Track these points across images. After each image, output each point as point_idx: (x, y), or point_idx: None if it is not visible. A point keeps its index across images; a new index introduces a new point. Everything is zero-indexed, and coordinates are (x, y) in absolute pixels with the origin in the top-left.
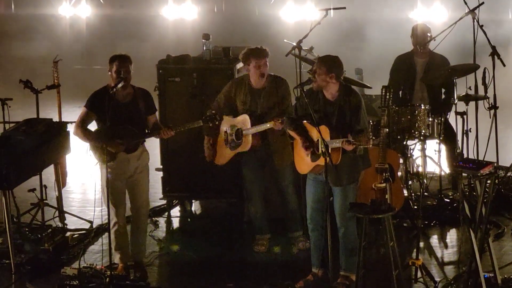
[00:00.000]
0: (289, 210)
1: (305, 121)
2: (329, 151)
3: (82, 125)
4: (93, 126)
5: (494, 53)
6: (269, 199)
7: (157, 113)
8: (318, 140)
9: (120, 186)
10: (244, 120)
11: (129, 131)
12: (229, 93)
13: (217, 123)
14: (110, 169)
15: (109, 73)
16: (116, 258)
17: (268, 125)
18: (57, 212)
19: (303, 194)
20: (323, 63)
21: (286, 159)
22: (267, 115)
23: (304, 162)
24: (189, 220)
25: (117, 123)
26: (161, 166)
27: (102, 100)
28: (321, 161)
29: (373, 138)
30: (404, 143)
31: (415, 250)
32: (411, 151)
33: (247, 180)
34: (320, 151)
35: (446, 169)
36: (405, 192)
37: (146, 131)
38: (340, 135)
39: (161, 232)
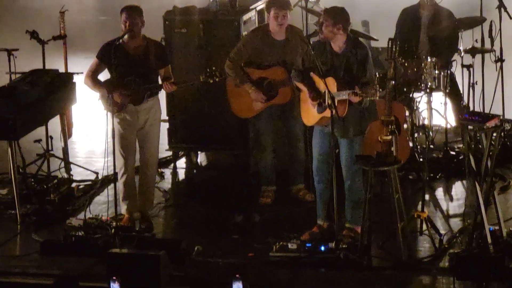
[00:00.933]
0: (296, 161)
1: (312, 73)
2: (335, 103)
3: (92, 74)
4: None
5: (501, 5)
6: (277, 151)
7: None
8: (324, 92)
9: (130, 137)
10: (277, 71)
11: (136, 83)
12: (252, 44)
13: (217, 79)
14: (120, 119)
15: (121, 24)
16: (123, 208)
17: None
18: (63, 163)
19: (309, 147)
20: (329, 14)
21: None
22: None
23: (310, 114)
24: (194, 171)
25: (126, 75)
26: (167, 118)
27: (111, 51)
28: (327, 113)
29: (380, 90)
30: (410, 95)
31: (420, 202)
32: (417, 103)
33: (261, 132)
34: (326, 103)
35: (452, 122)
36: (411, 145)
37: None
38: (347, 87)
39: (167, 184)
